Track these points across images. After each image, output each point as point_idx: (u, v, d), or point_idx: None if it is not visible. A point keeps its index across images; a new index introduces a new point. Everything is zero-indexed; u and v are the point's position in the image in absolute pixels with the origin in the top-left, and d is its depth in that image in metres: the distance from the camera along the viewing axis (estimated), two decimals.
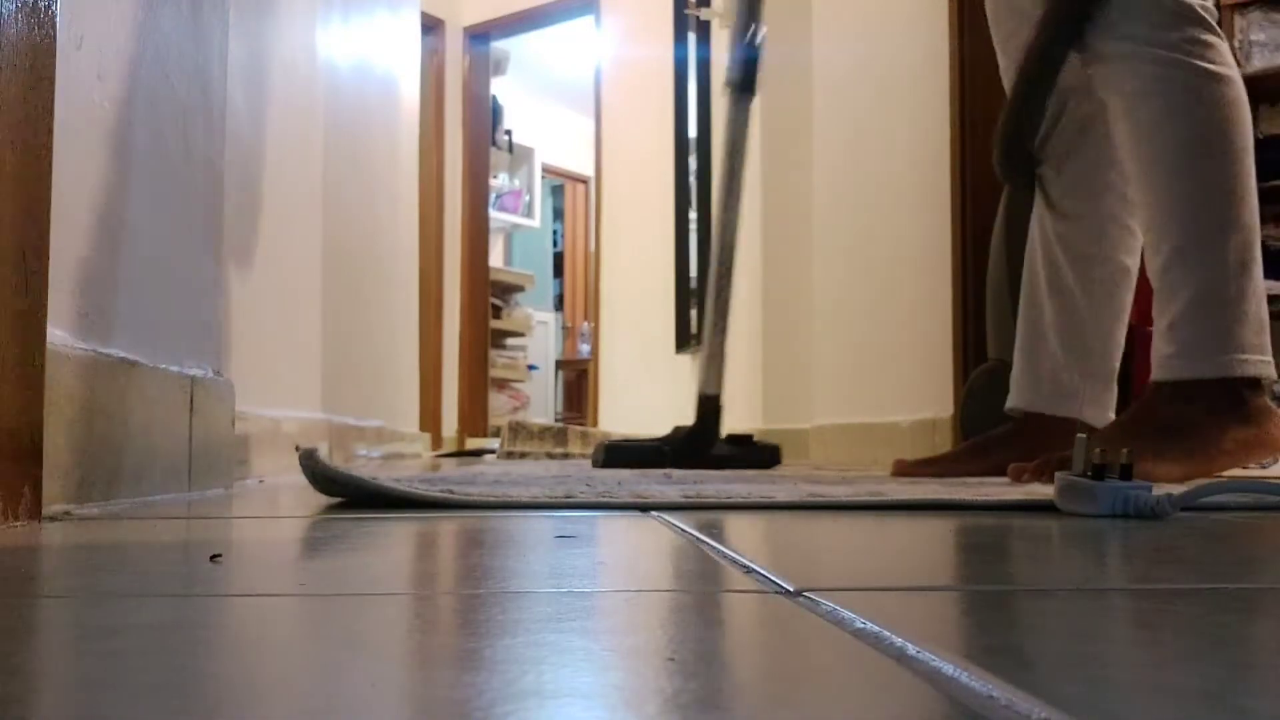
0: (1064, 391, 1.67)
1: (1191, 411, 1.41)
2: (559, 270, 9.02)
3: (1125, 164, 1.52)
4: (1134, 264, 1.66)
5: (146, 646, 0.38)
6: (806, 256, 3.38)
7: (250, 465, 1.72)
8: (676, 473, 1.79)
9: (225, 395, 1.42)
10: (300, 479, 1.10)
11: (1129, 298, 1.69)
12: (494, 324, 6.55)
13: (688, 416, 2.30)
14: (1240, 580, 0.59)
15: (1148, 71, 1.47)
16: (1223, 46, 1.48)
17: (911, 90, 2.59)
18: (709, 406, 2.29)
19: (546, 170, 8.48)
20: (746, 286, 4.01)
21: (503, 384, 6.82)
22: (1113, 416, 1.66)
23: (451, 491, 1.07)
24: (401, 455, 3.46)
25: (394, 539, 0.79)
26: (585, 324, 8.10)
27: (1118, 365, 1.70)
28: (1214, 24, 1.48)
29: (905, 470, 1.73)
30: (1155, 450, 1.34)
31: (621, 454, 2.17)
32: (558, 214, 9.00)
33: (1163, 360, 1.45)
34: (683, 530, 0.81)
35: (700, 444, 2.24)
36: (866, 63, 2.92)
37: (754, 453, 2.28)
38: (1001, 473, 1.49)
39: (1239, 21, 2.71)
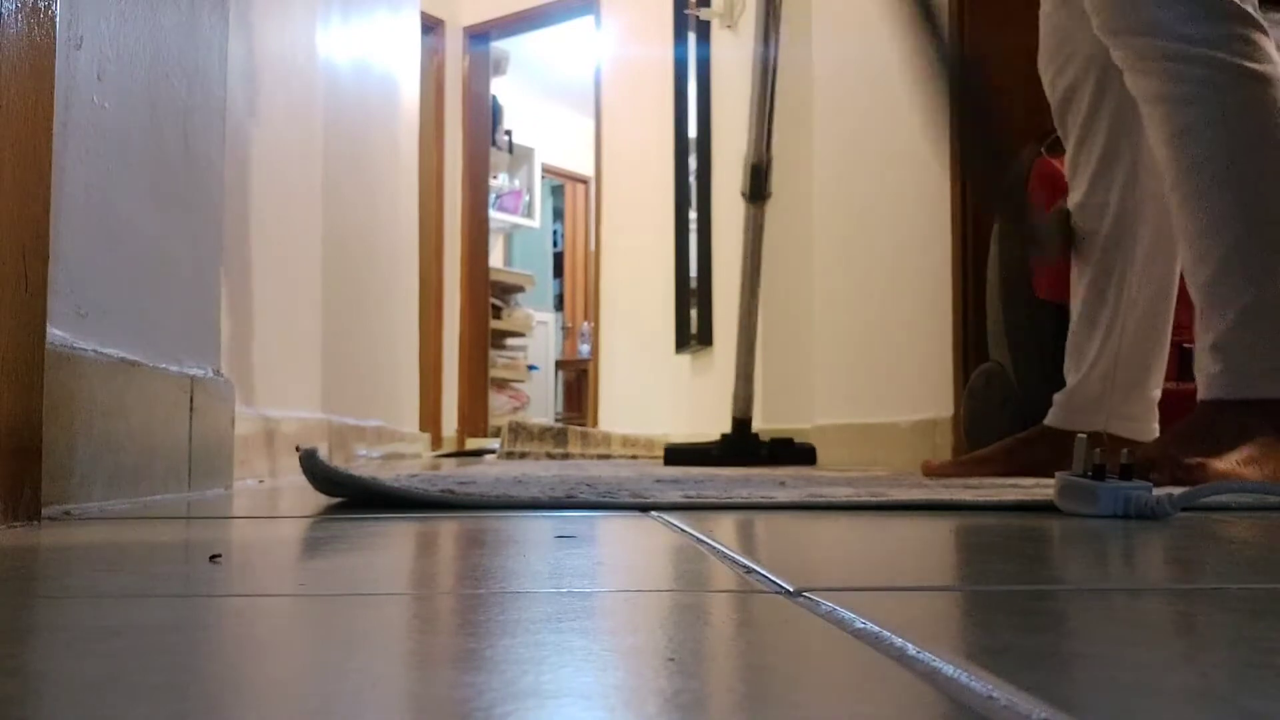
0: (1089, 405, 1.64)
1: (1253, 425, 1.35)
2: (559, 270, 9.02)
3: (1163, 172, 1.44)
4: (1175, 274, 1.60)
5: (146, 646, 0.38)
6: (806, 256, 3.38)
7: (250, 465, 1.72)
8: (681, 473, 1.80)
9: (225, 395, 1.42)
10: (300, 479, 1.10)
11: (1170, 309, 1.63)
12: (494, 324, 6.55)
13: (687, 416, 2.42)
14: (1240, 580, 0.59)
15: (1185, 73, 1.39)
16: (1266, 44, 1.39)
17: (911, 90, 2.59)
18: (741, 425, 2.80)
19: (546, 170, 8.48)
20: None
21: (503, 384, 6.82)
22: (1155, 429, 1.62)
23: (452, 491, 1.07)
24: (401, 455, 3.46)
25: (394, 539, 0.79)
26: (585, 324, 8.11)
27: (1159, 378, 1.65)
28: (1257, 19, 1.39)
29: (935, 470, 1.72)
30: (1219, 453, 1.31)
31: (679, 455, 2.78)
32: (558, 214, 9.00)
33: (1210, 379, 1.39)
34: (683, 530, 0.81)
35: (741, 449, 2.73)
36: (866, 63, 2.92)
37: (793, 453, 2.74)
38: (1030, 474, 1.47)
39: None
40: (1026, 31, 2.32)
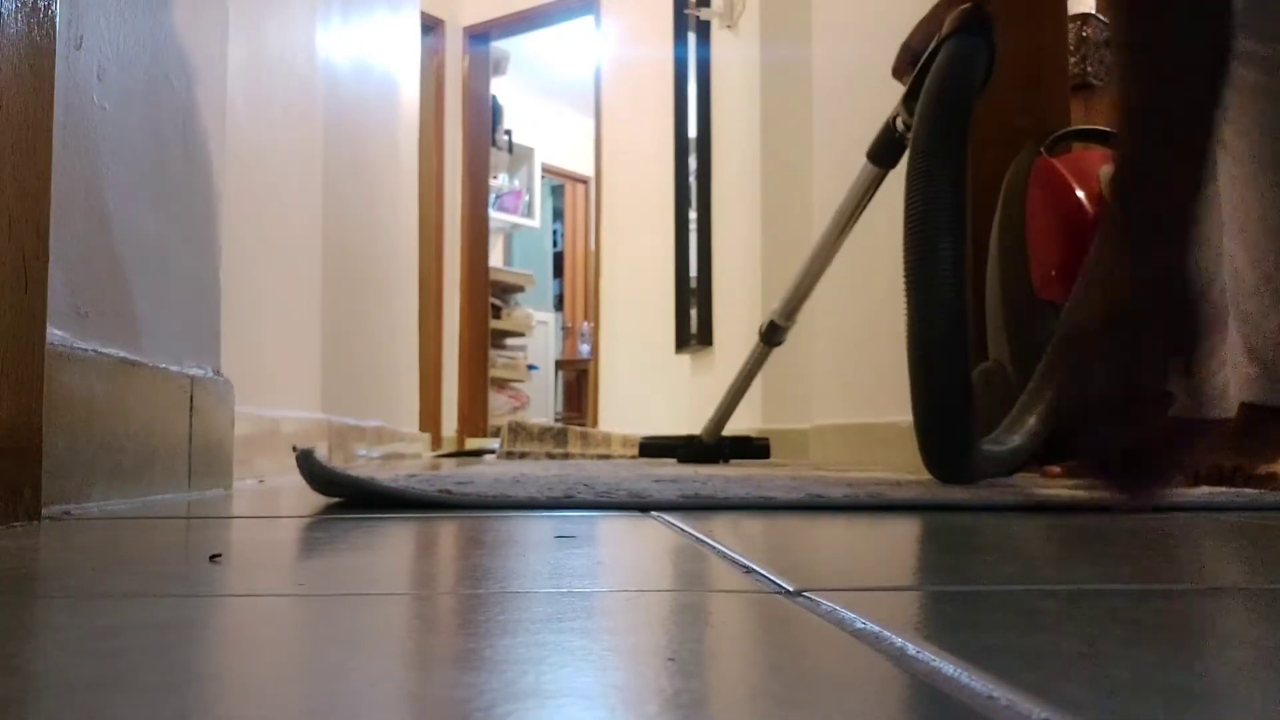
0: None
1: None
2: (559, 270, 9.03)
3: (1244, 159, 1.41)
4: None
5: (146, 646, 0.38)
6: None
7: (250, 465, 1.72)
8: (679, 472, 1.80)
9: (225, 395, 1.42)
10: (299, 479, 1.10)
11: None
12: (494, 324, 6.55)
13: (686, 416, 2.45)
14: (1241, 580, 0.59)
15: None
16: None
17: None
18: (704, 440, 2.99)
19: (546, 170, 8.48)
20: (747, 286, 4.01)
21: (503, 384, 6.82)
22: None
23: (451, 492, 1.07)
24: (401, 455, 3.46)
25: (394, 539, 0.79)
26: (585, 324, 8.11)
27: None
28: None
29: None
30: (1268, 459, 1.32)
31: (652, 448, 3.11)
32: (558, 214, 9.00)
33: (1258, 385, 1.40)
34: (683, 530, 0.81)
35: (704, 452, 2.97)
36: (866, 63, 2.92)
37: (750, 449, 3.06)
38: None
39: None
40: (1026, 31, 2.32)
